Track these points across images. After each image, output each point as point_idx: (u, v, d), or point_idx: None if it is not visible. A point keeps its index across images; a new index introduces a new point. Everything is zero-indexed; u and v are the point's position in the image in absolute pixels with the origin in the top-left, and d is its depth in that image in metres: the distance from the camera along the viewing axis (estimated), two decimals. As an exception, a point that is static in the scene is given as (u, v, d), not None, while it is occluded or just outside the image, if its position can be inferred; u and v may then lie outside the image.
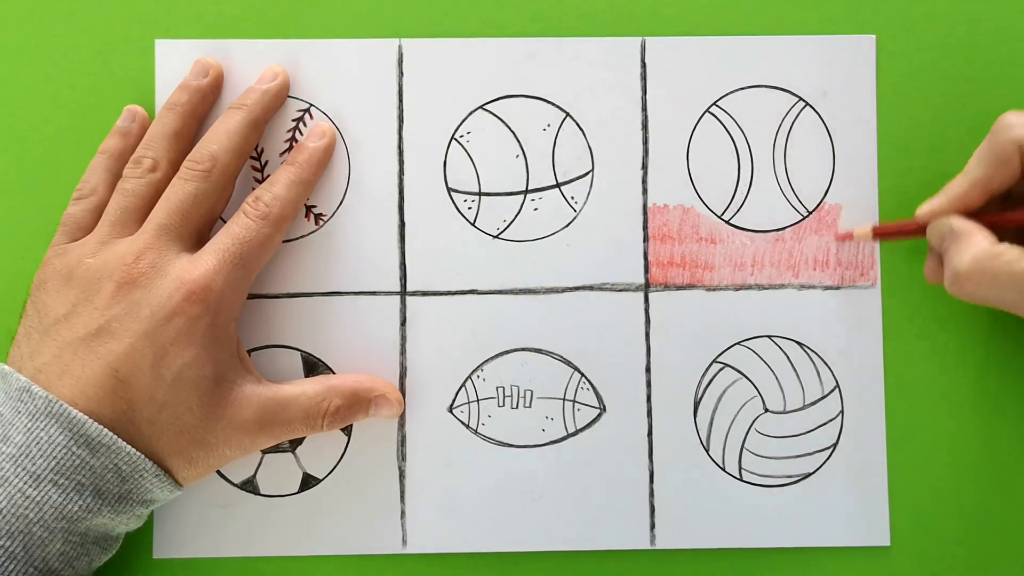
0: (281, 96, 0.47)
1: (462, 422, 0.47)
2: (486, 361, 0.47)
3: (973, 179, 0.43)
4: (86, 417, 0.40)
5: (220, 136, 0.45)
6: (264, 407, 0.44)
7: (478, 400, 0.47)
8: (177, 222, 0.43)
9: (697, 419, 0.47)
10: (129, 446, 0.41)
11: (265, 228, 0.44)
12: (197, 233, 0.45)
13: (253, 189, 0.47)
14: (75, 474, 0.40)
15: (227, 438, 0.43)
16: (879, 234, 0.46)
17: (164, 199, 0.44)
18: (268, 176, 0.47)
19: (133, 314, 0.42)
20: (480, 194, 0.47)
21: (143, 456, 0.41)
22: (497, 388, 0.47)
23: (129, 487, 0.42)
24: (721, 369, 0.47)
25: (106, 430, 0.41)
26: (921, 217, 0.44)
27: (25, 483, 0.40)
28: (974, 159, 0.43)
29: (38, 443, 0.40)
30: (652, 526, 0.47)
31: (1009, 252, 0.40)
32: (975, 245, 0.41)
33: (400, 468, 0.47)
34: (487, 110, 0.47)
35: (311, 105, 0.47)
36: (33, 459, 0.40)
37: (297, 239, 0.47)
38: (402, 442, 0.47)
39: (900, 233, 0.46)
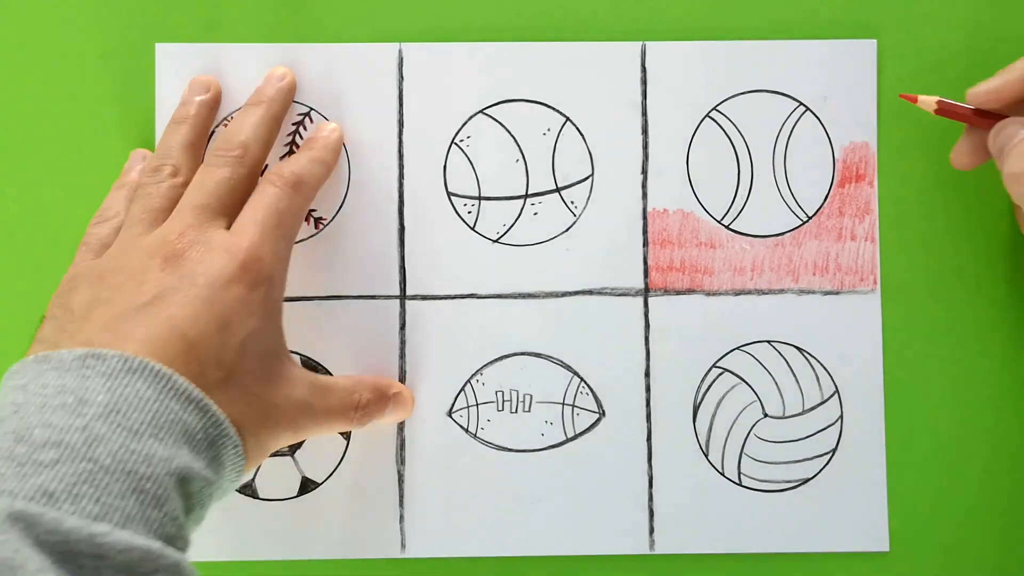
0: (291, 94, 0.47)
1: (461, 426, 0.47)
2: (485, 365, 0.47)
3: None
4: (172, 371, 0.36)
5: (246, 127, 0.44)
6: (311, 389, 0.42)
7: (477, 404, 0.47)
8: (214, 203, 0.42)
9: (696, 424, 0.47)
10: (217, 408, 0.37)
11: (297, 198, 0.43)
12: (231, 219, 0.42)
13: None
14: (173, 428, 0.36)
15: (284, 414, 0.40)
16: (943, 110, 0.45)
17: (198, 184, 0.42)
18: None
19: (189, 282, 0.39)
20: (480, 198, 0.47)
21: (228, 421, 0.38)
22: (496, 392, 0.47)
23: (211, 455, 0.38)
24: (720, 374, 0.47)
25: (197, 389, 0.37)
26: (973, 98, 0.43)
27: (128, 437, 0.35)
28: None
29: (126, 399, 0.35)
30: (651, 531, 0.47)
31: None
32: None
33: (399, 472, 0.47)
34: (487, 114, 0.47)
35: (311, 109, 0.47)
36: (126, 414, 0.35)
37: (297, 243, 0.47)
38: (401, 446, 0.47)
39: (963, 117, 0.44)
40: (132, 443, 0.35)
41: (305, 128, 0.47)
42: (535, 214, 0.47)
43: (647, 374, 0.47)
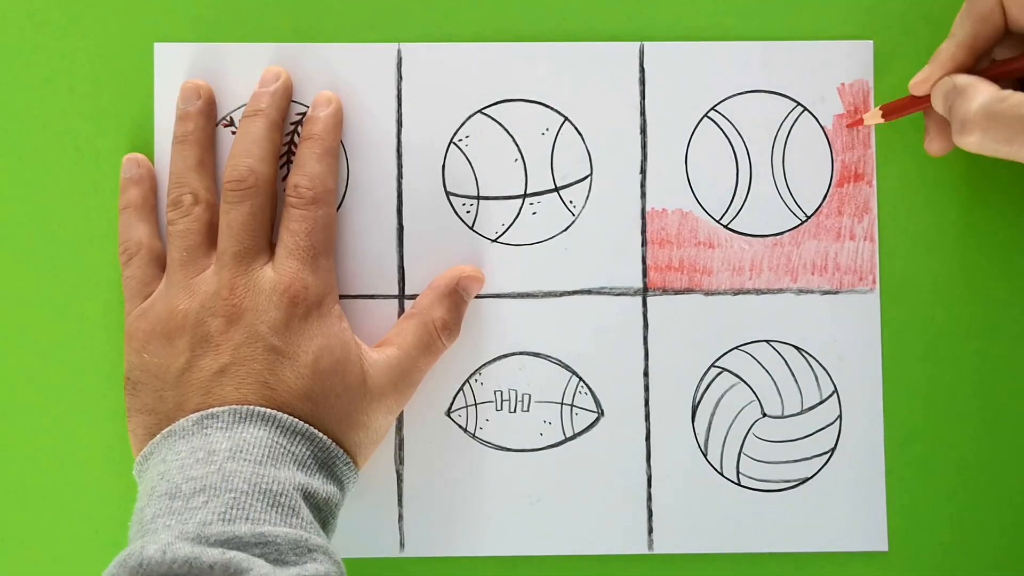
0: (288, 94, 0.47)
1: (460, 426, 0.47)
2: (484, 365, 0.47)
3: (959, 40, 0.43)
4: (276, 411, 0.41)
5: (250, 147, 0.45)
6: (390, 365, 0.44)
7: (476, 404, 0.47)
8: (249, 244, 0.44)
9: (695, 424, 0.47)
10: (321, 434, 0.42)
11: (319, 211, 0.44)
12: (268, 245, 0.45)
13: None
14: (286, 457, 0.41)
15: (376, 409, 0.44)
16: (888, 112, 0.46)
17: (226, 227, 0.44)
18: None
19: (253, 335, 0.42)
20: (479, 198, 0.47)
21: (329, 440, 0.42)
22: (495, 392, 0.47)
23: (324, 474, 0.42)
24: (719, 374, 0.47)
25: (300, 421, 0.42)
26: (915, 87, 0.45)
27: (255, 467, 0.40)
28: (957, 21, 0.43)
29: (244, 440, 0.40)
30: (650, 530, 0.47)
31: (1015, 96, 0.41)
32: (981, 93, 0.42)
33: (398, 472, 0.47)
34: (486, 114, 0.47)
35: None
36: (248, 451, 0.40)
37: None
38: (400, 446, 0.47)
39: (906, 107, 0.46)
40: (259, 470, 0.40)
41: (303, 127, 0.47)
42: (534, 214, 0.47)
43: (646, 374, 0.47)
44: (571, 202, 0.47)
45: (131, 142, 0.47)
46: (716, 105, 0.48)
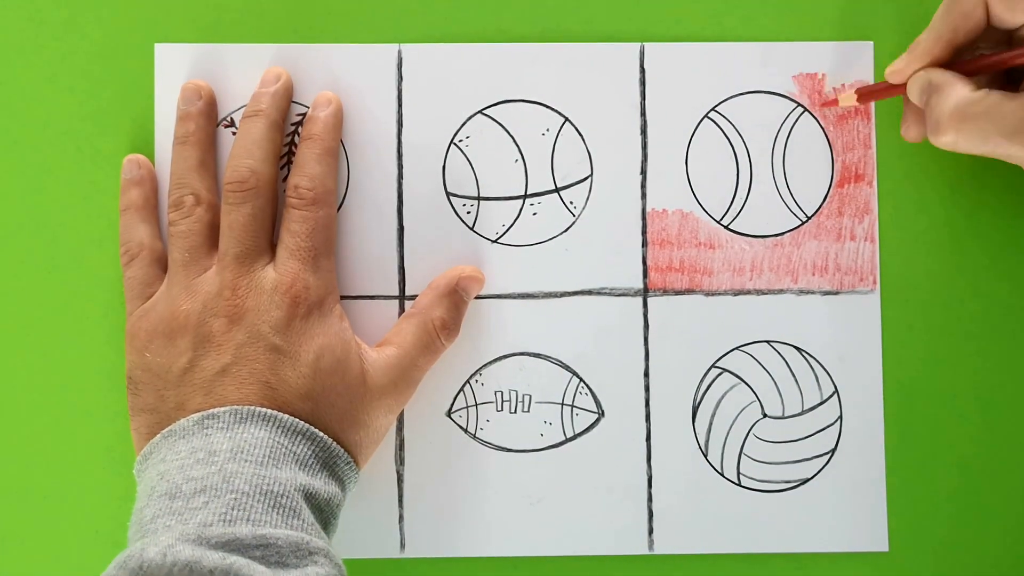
0: (288, 95, 0.47)
1: (460, 426, 0.47)
2: (484, 365, 0.47)
3: (938, 34, 0.43)
4: (277, 412, 0.41)
5: (251, 148, 0.45)
6: (390, 365, 0.44)
7: (476, 404, 0.47)
8: (250, 245, 0.44)
9: (696, 424, 0.47)
10: (322, 433, 0.42)
11: (319, 211, 0.44)
12: (270, 246, 0.45)
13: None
14: (287, 457, 0.41)
15: (376, 408, 0.44)
16: (863, 95, 0.46)
17: (228, 229, 0.44)
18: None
19: (255, 335, 0.43)
20: (479, 198, 0.47)
21: (330, 440, 0.42)
22: (495, 392, 0.47)
23: (326, 474, 0.42)
24: (720, 374, 0.47)
25: (301, 421, 0.42)
26: (891, 76, 0.45)
27: (256, 467, 0.40)
28: (939, 14, 0.43)
29: (245, 441, 0.40)
30: (650, 531, 0.47)
31: (990, 96, 0.41)
32: (956, 93, 0.42)
33: (398, 472, 0.47)
34: (486, 115, 0.47)
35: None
36: (249, 452, 0.40)
37: (296, 243, 0.47)
38: (400, 446, 0.47)
39: (882, 93, 0.46)
40: (260, 471, 0.40)
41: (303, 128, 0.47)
42: (534, 214, 0.47)
43: (646, 374, 0.47)
44: (571, 203, 0.47)
45: (131, 142, 0.47)
46: (716, 106, 0.48)
